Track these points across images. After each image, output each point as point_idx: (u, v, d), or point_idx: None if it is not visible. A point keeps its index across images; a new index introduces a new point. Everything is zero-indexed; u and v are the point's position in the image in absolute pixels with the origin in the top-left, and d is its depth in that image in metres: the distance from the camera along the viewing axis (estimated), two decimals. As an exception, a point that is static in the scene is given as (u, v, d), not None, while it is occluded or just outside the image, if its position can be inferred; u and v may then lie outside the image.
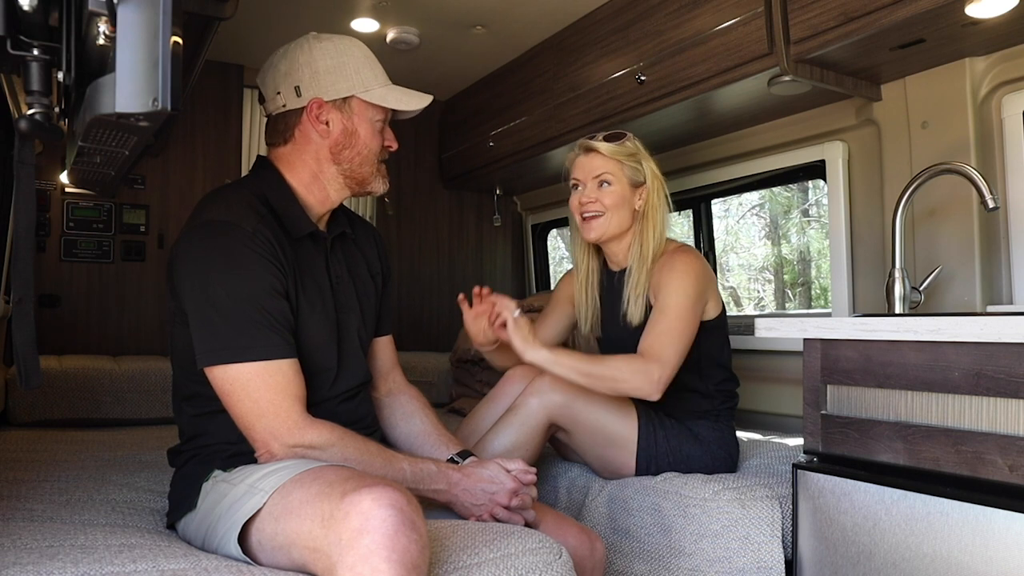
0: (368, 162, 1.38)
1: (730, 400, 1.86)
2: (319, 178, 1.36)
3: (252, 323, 1.18)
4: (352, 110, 1.34)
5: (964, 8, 1.57)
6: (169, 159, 3.04)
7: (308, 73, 1.31)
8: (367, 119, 1.35)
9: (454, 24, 2.66)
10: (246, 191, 1.32)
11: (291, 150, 1.36)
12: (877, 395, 1.37)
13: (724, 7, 2.01)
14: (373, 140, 1.37)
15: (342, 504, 0.91)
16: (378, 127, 1.38)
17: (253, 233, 1.22)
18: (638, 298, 1.77)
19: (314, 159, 1.35)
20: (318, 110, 1.31)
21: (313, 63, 1.31)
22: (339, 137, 1.34)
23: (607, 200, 1.78)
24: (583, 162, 1.83)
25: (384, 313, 1.56)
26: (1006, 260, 1.89)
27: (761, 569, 1.50)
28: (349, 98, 1.33)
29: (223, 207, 1.27)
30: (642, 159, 1.82)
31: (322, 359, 1.32)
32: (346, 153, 1.35)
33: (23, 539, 1.12)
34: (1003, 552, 1.15)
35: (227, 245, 1.21)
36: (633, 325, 1.78)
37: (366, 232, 1.55)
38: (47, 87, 0.82)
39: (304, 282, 1.31)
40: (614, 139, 1.81)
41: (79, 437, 2.19)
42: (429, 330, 3.61)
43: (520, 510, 1.31)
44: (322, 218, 1.40)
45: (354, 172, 1.37)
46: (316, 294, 1.33)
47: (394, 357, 1.60)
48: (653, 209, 1.80)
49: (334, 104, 1.32)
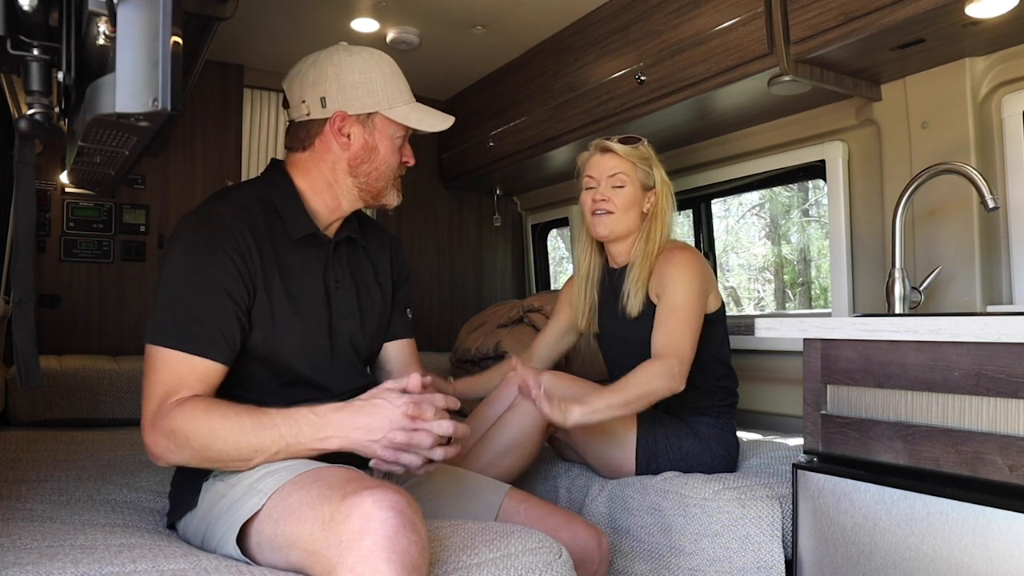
0: (384, 177, 1.39)
1: (730, 397, 1.87)
2: (333, 187, 1.37)
3: (184, 313, 1.18)
4: (375, 125, 1.35)
5: (964, 8, 1.57)
6: (169, 159, 3.04)
7: (335, 85, 1.32)
8: (388, 135, 1.36)
9: (454, 24, 2.66)
10: (250, 190, 1.34)
11: (309, 157, 1.36)
12: (877, 395, 1.37)
13: (724, 7, 2.01)
14: (392, 156, 1.38)
15: (342, 506, 0.91)
16: (398, 143, 1.39)
17: (230, 229, 1.23)
18: (638, 291, 1.80)
19: (330, 169, 1.36)
20: (341, 123, 1.32)
21: (341, 76, 1.32)
22: (359, 151, 1.35)
23: (619, 200, 1.82)
24: (599, 161, 1.87)
25: (395, 318, 1.54)
26: (1006, 260, 1.90)
27: (761, 569, 1.50)
28: (373, 114, 1.34)
29: (216, 201, 1.29)
30: (653, 164, 1.87)
31: (302, 363, 1.31)
32: (364, 167, 1.36)
33: (23, 539, 1.12)
34: (1003, 552, 1.15)
35: (195, 235, 1.23)
36: (631, 317, 1.80)
37: (381, 240, 1.54)
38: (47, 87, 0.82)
39: (291, 286, 1.30)
40: (629, 142, 1.86)
41: (79, 437, 2.19)
42: (429, 330, 3.61)
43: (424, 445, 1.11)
44: (330, 225, 1.40)
45: (370, 185, 1.38)
46: (303, 298, 1.32)
47: (409, 362, 1.56)
48: (662, 212, 1.86)
49: (357, 118, 1.34)
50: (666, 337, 1.66)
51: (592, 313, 1.96)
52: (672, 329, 1.66)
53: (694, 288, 1.71)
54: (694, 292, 1.70)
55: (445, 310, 3.68)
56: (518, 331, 2.84)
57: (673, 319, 1.68)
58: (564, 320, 2.04)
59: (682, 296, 1.70)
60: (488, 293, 3.80)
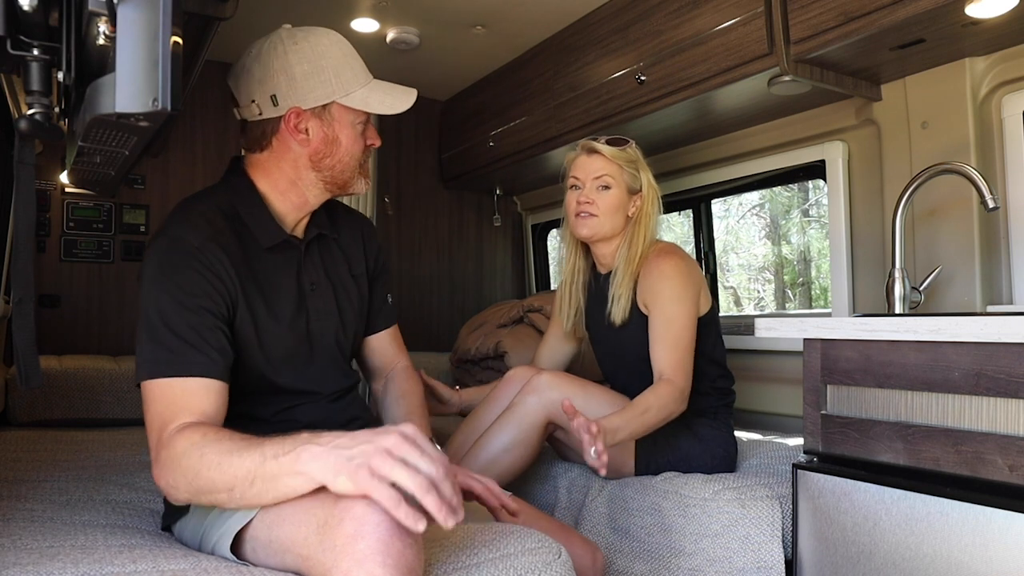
0: (349, 168, 1.33)
1: (726, 397, 1.87)
2: (297, 184, 1.31)
3: (167, 338, 1.12)
4: (332, 116, 1.28)
5: (964, 8, 1.57)
6: (169, 159, 3.04)
7: (284, 80, 1.24)
8: (348, 123, 1.30)
9: (454, 24, 2.66)
10: (211, 203, 1.27)
11: (268, 157, 1.30)
12: (877, 395, 1.37)
13: (724, 7, 2.01)
14: (355, 145, 1.31)
15: (336, 509, 0.89)
16: (359, 129, 1.32)
17: (199, 249, 1.17)
18: (620, 298, 1.79)
19: (292, 167, 1.29)
20: (297, 119, 1.25)
21: (289, 68, 1.24)
22: (319, 146, 1.28)
23: (603, 203, 1.81)
24: (584, 162, 1.85)
25: (375, 310, 1.50)
26: (1006, 260, 1.89)
27: (761, 569, 1.50)
28: (329, 104, 1.27)
29: (180, 220, 1.22)
30: (640, 168, 1.85)
31: (284, 371, 1.29)
32: (327, 161, 1.30)
33: (23, 539, 1.12)
34: (1003, 552, 1.15)
35: (167, 262, 1.16)
36: (616, 325, 1.80)
37: (352, 227, 1.48)
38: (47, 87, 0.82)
39: (268, 295, 1.26)
40: (617, 143, 1.84)
41: (79, 437, 2.19)
42: (429, 330, 3.61)
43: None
44: (299, 223, 1.35)
45: (335, 178, 1.32)
46: (284, 305, 1.29)
47: (394, 350, 1.54)
48: (647, 216, 1.83)
49: (313, 112, 1.26)
50: (670, 357, 1.66)
51: (578, 316, 1.95)
52: (671, 347, 1.67)
53: (684, 298, 1.70)
54: (684, 303, 1.70)
55: (445, 310, 3.68)
56: (518, 331, 2.84)
57: (670, 336, 1.68)
58: (559, 326, 2.02)
59: (673, 308, 1.69)
60: (488, 293, 3.80)
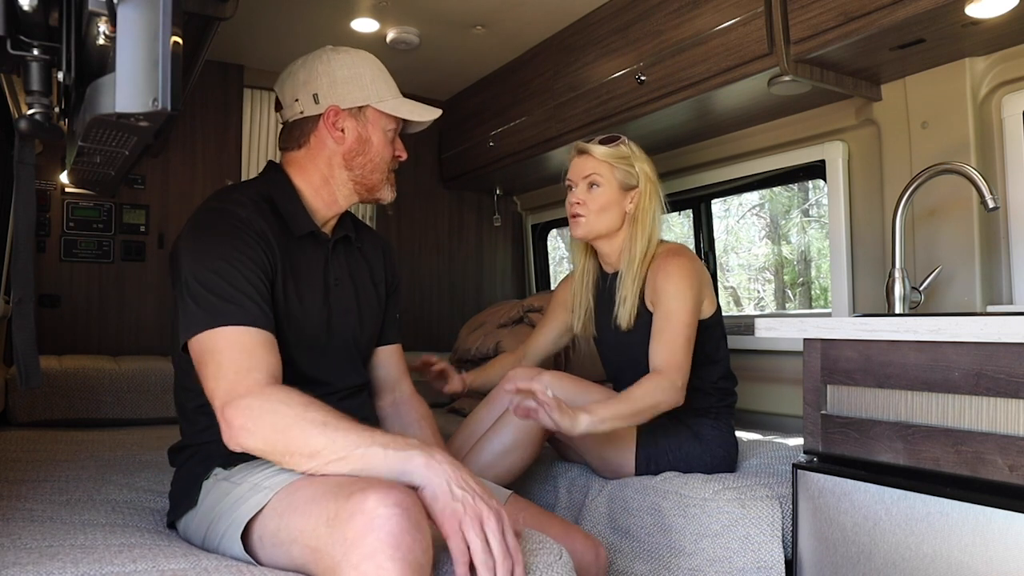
0: (379, 169, 1.43)
1: (728, 398, 1.86)
2: (329, 183, 1.40)
3: (229, 292, 1.16)
4: (367, 119, 1.39)
5: (964, 8, 1.57)
6: (169, 159, 3.04)
7: (327, 81, 1.36)
8: (380, 128, 1.41)
9: (454, 24, 2.66)
10: (251, 189, 1.36)
11: (305, 154, 1.40)
12: (877, 395, 1.37)
13: (724, 7, 2.01)
14: (385, 149, 1.42)
15: (347, 503, 0.91)
16: (390, 136, 1.43)
17: (246, 218, 1.25)
18: (625, 300, 1.79)
19: (327, 164, 1.39)
20: (335, 117, 1.37)
21: (332, 72, 1.37)
22: (353, 144, 1.38)
23: (593, 202, 1.81)
24: (576, 163, 1.87)
25: (389, 322, 1.57)
26: (1006, 260, 1.90)
27: (761, 569, 1.50)
28: (364, 107, 1.39)
29: (223, 199, 1.31)
30: (635, 162, 1.83)
31: (300, 356, 1.32)
32: (359, 160, 1.40)
33: (23, 539, 1.12)
34: (1003, 552, 1.15)
35: (216, 227, 1.24)
36: (622, 328, 1.80)
37: (375, 242, 1.58)
38: (47, 87, 0.82)
39: (297, 279, 1.33)
40: (608, 142, 1.84)
41: (79, 437, 2.19)
42: (429, 330, 3.61)
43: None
44: (328, 222, 1.44)
45: (365, 179, 1.41)
46: (308, 293, 1.35)
47: (401, 367, 1.60)
48: (644, 212, 1.82)
49: (350, 112, 1.38)
50: (665, 351, 1.66)
51: (588, 317, 1.95)
52: (669, 342, 1.66)
53: (688, 298, 1.70)
54: (688, 302, 1.69)
55: (445, 310, 3.68)
56: (518, 331, 2.84)
57: (669, 331, 1.67)
58: (560, 322, 2.03)
59: (676, 305, 1.69)
60: (488, 293, 3.81)
